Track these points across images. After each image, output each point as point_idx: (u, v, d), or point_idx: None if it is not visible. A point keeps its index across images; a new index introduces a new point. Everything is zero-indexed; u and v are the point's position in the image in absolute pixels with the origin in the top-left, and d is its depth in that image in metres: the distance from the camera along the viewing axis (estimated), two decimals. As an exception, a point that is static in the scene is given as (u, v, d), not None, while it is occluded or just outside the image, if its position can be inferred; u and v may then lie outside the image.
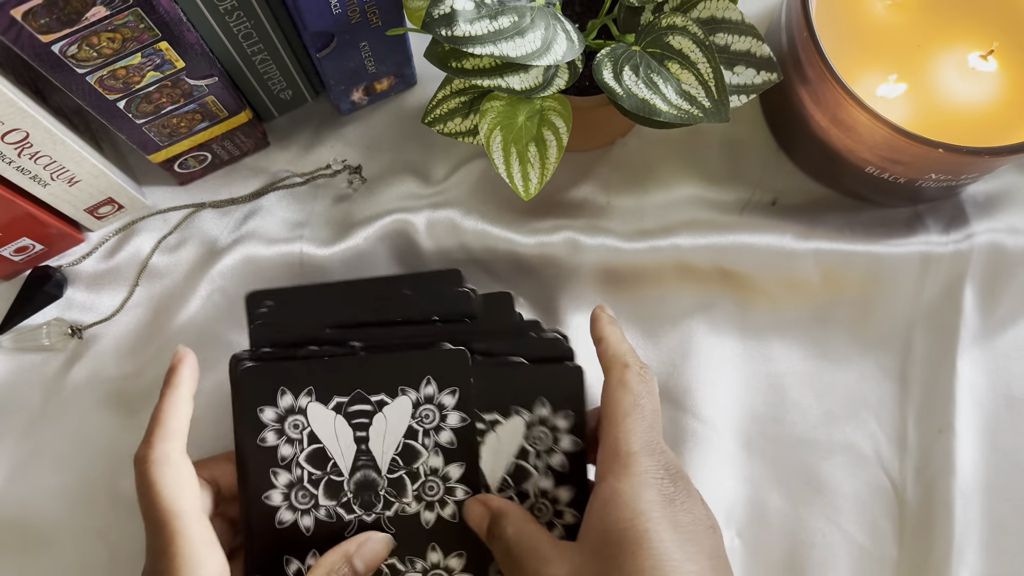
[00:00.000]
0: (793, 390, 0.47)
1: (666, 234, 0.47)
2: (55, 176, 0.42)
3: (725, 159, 0.50)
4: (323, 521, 0.37)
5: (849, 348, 0.48)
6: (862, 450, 0.46)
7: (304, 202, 0.49)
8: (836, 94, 0.41)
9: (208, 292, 0.47)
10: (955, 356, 0.46)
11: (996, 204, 0.48)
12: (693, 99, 0.36)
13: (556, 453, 0.38)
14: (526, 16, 0.35)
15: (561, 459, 0.38)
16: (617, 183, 0.49)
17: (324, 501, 0.37)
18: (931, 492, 0.45)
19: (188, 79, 0.40)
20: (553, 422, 0.38)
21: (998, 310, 0.47)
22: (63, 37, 0.34)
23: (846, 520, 0.45)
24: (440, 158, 0.50)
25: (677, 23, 0.37)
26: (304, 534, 0.37)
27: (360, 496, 0.37)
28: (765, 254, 0.47)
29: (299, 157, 0.50)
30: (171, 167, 0.47)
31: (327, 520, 0.37)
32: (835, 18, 0.44)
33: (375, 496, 0.37)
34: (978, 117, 0.44)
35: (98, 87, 0.38)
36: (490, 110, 0.39)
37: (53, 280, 0.47)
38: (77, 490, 0.45)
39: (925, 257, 0.47)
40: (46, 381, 0.47)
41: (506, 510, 0.35)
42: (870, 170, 0.44)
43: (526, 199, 0.39)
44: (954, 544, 0.43)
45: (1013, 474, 0.45)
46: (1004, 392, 0.46)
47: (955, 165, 0.41)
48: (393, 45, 0.46)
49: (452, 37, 0.33)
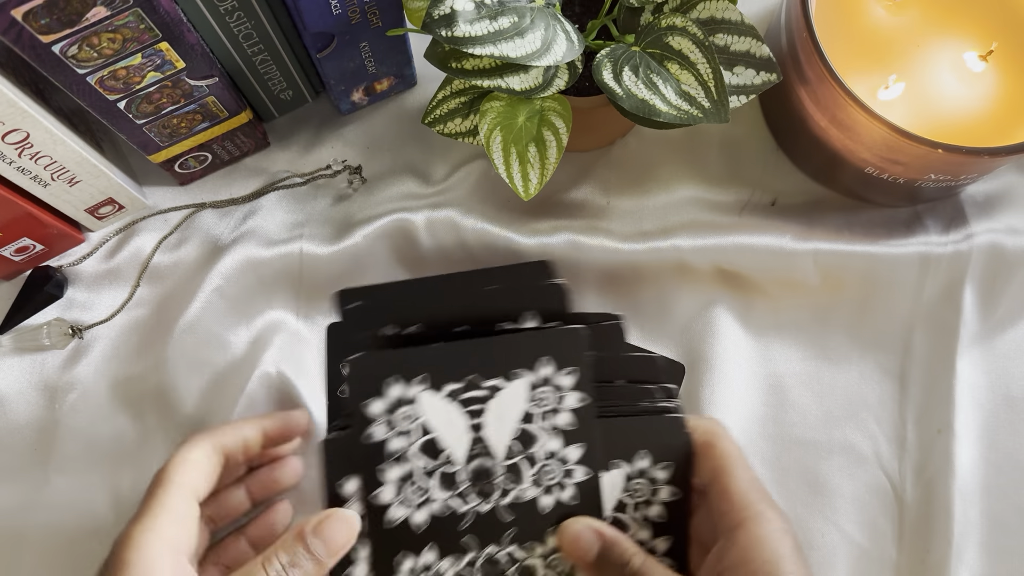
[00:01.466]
0: (792, 390, 0.47)
1: (665, 235, 0.47)
2: (55, 176, 0.42)
3: (725, 159, 0.50)
4: (438, 515, 0.36)
5: (849, 348, 0.48)
6: (861, 450, 0.46)
7: (304, 202, 0.49)
8: (835, 94, 0.41)
9: (208, 292, 0.47)
10: (954, 357, 0.46)
11: (995, 204, 0.48)
12: (693, 99, 0.36)
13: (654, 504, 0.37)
14: (526, 17, 0.35)
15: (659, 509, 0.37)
16: (617, 183, 0.49)
17: (438, 493, 0.36)
18: (930, 492, 0.45)
19: (188, 79, 0.40)
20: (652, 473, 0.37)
21: (997, 311, 0.47)
22: (64, 37, 0.34)
23: (845, 520, 0.45)
24: (440, 158, 0.50)
25: (677, 24, 0.37)
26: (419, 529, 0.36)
27: (476, 485, 0.36)
28: (764, 254, 0.47)
29: (299, 157, 0.50)
30: (171, 167, 0.47)
31: (442, 513, 0.36)
32: (835, 19, 0.44)
33: (491, 485, 0.36)
34: (977, 117, 0.44)
35: (98, 87, 0.38)
36: (490, 110, 0.39)
37: (53, 280, 0.47)
38: (77, 491, 0.45)
39: (924, 257, 0.47)
40: (47, 381, 0.47)
41: (621, 539, 0.35)
42: (869, 170, 0.44)
43: (526, 199, 0.39)
44: (953, 544, 0.43)
45: (1012, 474, 0.45)
46: (1003, 392, 0.46)
47: (954, 165, 0.41)
48: (393, 45, 0.46)
49: (452, 38, 0.33)
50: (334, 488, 0.36)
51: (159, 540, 0.33)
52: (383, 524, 0.36)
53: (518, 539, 0.37)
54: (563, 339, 0.36)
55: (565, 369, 0.36)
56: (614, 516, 0.37)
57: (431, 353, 0.36)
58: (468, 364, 0.36)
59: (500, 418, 0.36)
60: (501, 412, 0.36)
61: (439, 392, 0.36)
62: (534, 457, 0.36)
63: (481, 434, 0.36)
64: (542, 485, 0.37)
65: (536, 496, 0.37)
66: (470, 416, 0.36)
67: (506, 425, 0.36)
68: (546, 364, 0.36)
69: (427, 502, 0.36)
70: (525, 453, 0.36)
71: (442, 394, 0.36)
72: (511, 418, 0.36)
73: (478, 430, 0.36)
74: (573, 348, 0.36)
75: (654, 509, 0.37)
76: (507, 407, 0.36)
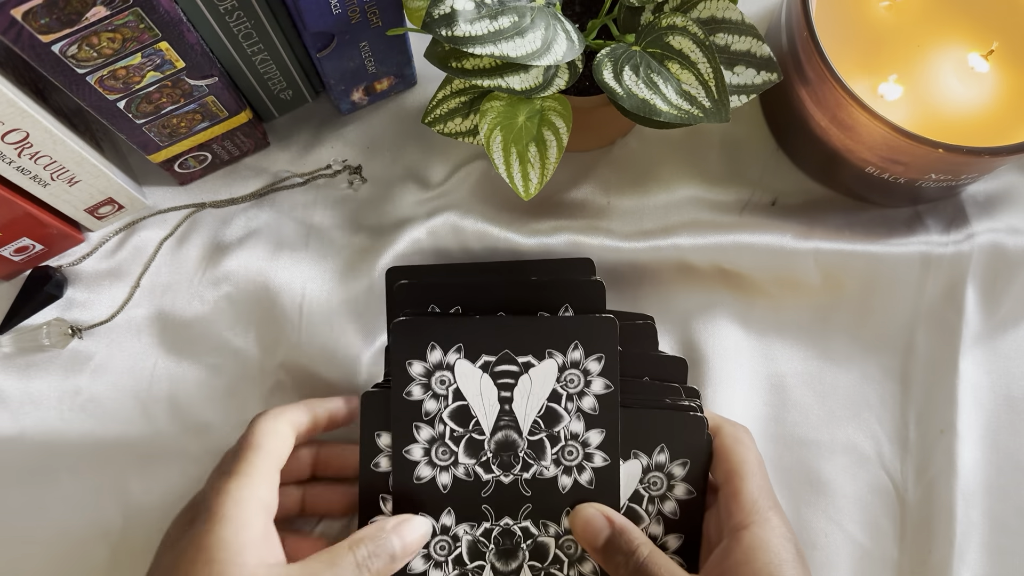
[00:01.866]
0: (794, 390, 0.47)
1: (666, 234, 0.47)
2: (55, 176, 0.42)
3: (725, 159, 0.50)
4: (461, 479, 0.38)
5: (850, 348, 0.48)
6: (863, 451, 0.46)
7: (304, 202, 0.49)
8: (836, 94, 0.41)
9: (208, 292, 0.47)
10: (957, 357, 0.46)
11: (996, 204, 0.48)
12: (693, 99, 0.36)
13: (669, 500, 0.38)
14: (526, 16, 0.35)
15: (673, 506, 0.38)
16: (617, 183, 0.49)
17: (464, 459, 0.38)
18: (932, 493, 0.44)
19: (188, 79, 0.40)
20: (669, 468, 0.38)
21: (999, 311, 0.47)
22: (63, 37, 0.34)
23: (847, 520, 0.45)
24: (440, 158, 0.50)
25: (677, 23, 0.37)
26: (441, 491, 0.38)
27: (500, 456, 0.38)
28: (765, 254, 0.47)
29: (299, 157, 0.50)
30: (171, 167, 0.47)
31: (465, 479, 0.38)
32: (835, 18, 0.44)
33: (514, 457, 0.38)
34: (978, 117, 0.44)
35: (98, 87, 0.38)
36: (490, 110, 0.39)
37: (53, 280, 0.47)
38: (84, 493, 0.45)
39: (926, 257, 0.47)
40: (52, 383, 0.47)
41: (631, 528, 0.36)
42: (870, 170, 0.44)
43: (526, 199, 0.39)
44: (955, 544, 0.43)
45: (1014, 474, 0.45)
46: (1005, 393, 0.46)
47: (955, 165, 0.41)
48: (393, 45, 0.46)
49: (452, 37, 0.33)
50: (372, 438, 0.38)
51: (254, 498, 0.34)
52: (411, 480, 0.38)
53: (534, 515, 0.38)
54: (595, 326, 0.38)
55: (594, 355, 0.38)
56: (629, 506, 0.38)
57: (470, 324, 0.38)
58: (504, 339, 0.38)
59: (529, 393, 0.38)
60: (530, 388, 0.38)
61: (474, 362, 0.38)
62: (557, 436, 0.38)
63: (509, 407, 0.38)
64: (562, 464, 0.38)
65: (556, 475, 0.38)
66: (500, 389, 0.38)
67: (534, 401, 0.38)
68: (577, 348, 0.38)
69: (452, 465, 0.38)
70: (549, 431, 0.38)
71: (477, 364, 0.38)
72: (539, 395, 0.38)
73: (507, 403, 0.38)
74: (604, 336, 0.38)
75: (668, 505, 0.38)
76: (536, 384, 0.38)
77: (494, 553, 0.38)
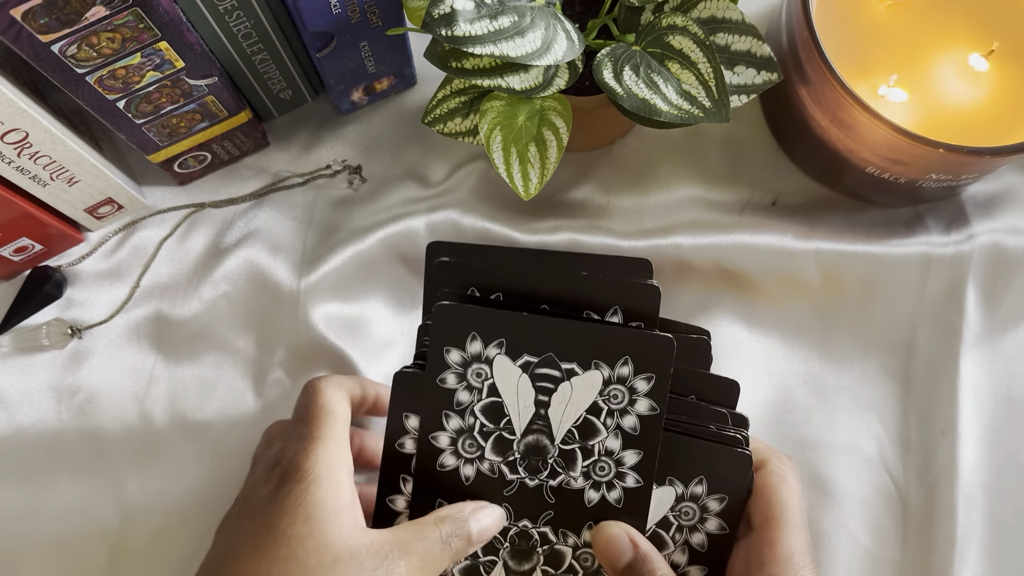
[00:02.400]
0: (796, 391, 0.47)
1: (666, 234, 0.47)
2: (55, 176, 0.42)
3: (725, 159, 0.50)
4: (485, 474, 0.37)
5: (852, 349, 0.48)
6: (865, 451, 0.46)
7: (304, 202, 0.49)
8: (837, 94, 0.41)
9: (208, 292, 0.47)
10: (957, 357, 0.46)
11: (997, 204, 0.48)
12: (693, 99, 0.36)
13: (698, 532, 0.37)
14: (526, 16, 0.35)
15: (702, 538, 0.37)
16: (617, 183, 0.49)
17: (490, 455, 0.37)
18: (934, 493, 0.44)
19: (188, 79, 0.40)
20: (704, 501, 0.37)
21: (1000, 311, 0.47)
22: (63, 37, 0.34)
23: (849, 521, 0.45)
24: (440, 158, 0.50)
25: (677, 23, 0.37)
26: (463, 482, 0.37)
27: (528, 459, 0.37)
28: (766, 254, 0.47)
29: (299, 157, 0.50)
30: (171, 167, 0.47)
31: (489, 474, 0.37)
32: (836, 18, 0.44)
33: (543, 463, 0.36)
34: (979, 117, 0.44)
35: (98, 87, 0.38)
36: (490, 110, 0.39)
37: (53, 280, 0.47)
38: (80, 491, 0.45)
39: (926, 258, 0.47)
40: (51, 383, 0.47)
41: (655, 556, 0.35)
42: (871, 170, 0.44)
43: (526, 199, 0.39)
44: (957, 545, 0.43)
45: (1015, 475, 0.45)
46: (1006, 393, 0.46)
47: (956, 165, 0.41)
48: (393, 45, 0.46)
49: (452, 37, 0.33)
50: (399, 419, 0.37)
51: (342, 462, 0.34)
52: (435, 466, 0.37)
53: (554, 523, 0.37)
54: (649, 344, 0.36)
55: (644, 374, 0.36)
56: (655, 530, 0.37)
57: (515, 320, 0.36)
58: (549, 341, 0.36)
59: (567, 402, 0.36)
60: (570, 397, 0.36)
61: (515, 360, 0.36)
62: (591, 449, 0.36)
63: (545, 412, 0.36)
64: (591, 479, 0.36)
65: (583, 488, 0.37)
66: (538, 392, 0.36)
67: (571, 410, 0.36)
68: (627, 364, 0.36)
69: (478, 459, 0.37)
70: (582, 443, 0.36)
71: (517, 363, 0.37)
72: (578, 405, 0.36)
73: (543, 407, 0.36)
74: (657, 355, 0.36)
75: (697, 537, 0.37)
76: (577, 394, 0.36)
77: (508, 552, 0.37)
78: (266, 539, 0.32)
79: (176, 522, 0.44)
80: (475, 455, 0.37)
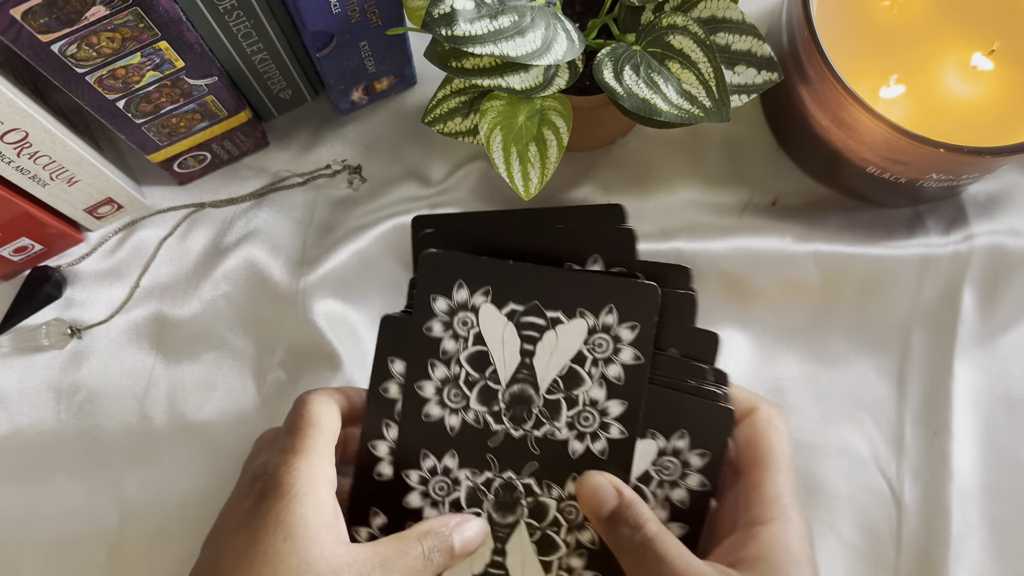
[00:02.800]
0: (791, 393, 0.47)
1: (667, 237, 0.47)
2: (54, 176, 0.42)
3: (725, 159, 0.50)
4: (470, 424, 0.36)
5: (847, 350, 0.48)
6: (859, 452, 0.46)
7: (304, 202, 0.49)
8: (837, 94, 0.41)
9: (208, 292, 0.47)
10: (952, 358, 0.46)
11: (997, 205, 0.48)
12: (694, 99, 0.36)
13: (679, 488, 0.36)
14: (526, 16, 0.35)
15: (683, 495, 0.36)
16: (617, 183, 0.49)
17: (475, 405, 0.36)
18: (928, 494, 0.44)
19: (188, 79, 0.40)
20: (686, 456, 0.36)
21: (997, 312, 0.47)
22: (62, 37, 0.34)
23: (843, 523, 0.45)
24: (440, 158, 0.50)
25: (678, 23, 0.37)
26: (448, 433, 0.37)
27: (513, 408, 0.36)
28: (765, 257, 0.47)
29: (299, 157, 0.50)
30: (171, 167, 0.47)
31: (474, 424, 0.36)
32: (836, 18, 0.44)
33: (527, 412, 0.36)
34: (979, 117, 0.44)
35: (97, 87, 0.38)
36: (490, 110, 0.39)
37: (52, 280, 0.47)
38: (79, 491, 0.45)
39: (924, 259, 0.47)
40: (50, 382, 0.47)
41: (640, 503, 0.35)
42: (871, 170, 0.44)
43: (526, 199, 0.39)
44: (951, 546, 0.43)
45: (1011, 476, 0.45)
46: (1003, 394, 0.46)
47: (956, 165, 0.41)
48: (393, 45, 0.46)
49: (452, 37, 0.33)
50: (384, 363, 0.37)
51: (324, 477, 0.34)
52: (419, 417, 0.37)
53: (539, 474, 0.36)
54: (634, 292, 0.36)
55: (628, 322, 0.36)
56: (636, 484, 0.36)
57: (501, 268, 0.36)
58: (535, 290, 0.36)
59: (553, 351, 0.36)
60: (555, 345, 0.36)
61: (500, 308, 0.36)
62: (575, 399, 0.36)
63: (530, 360, 0.36)
64: (576, 429, 0.36)
65: (567, 439, 0.36)
66: (524, 341, 0.36)
67: (557, 359, 0.36)
68: (611, 312, 0.36)
69: (463, 409, 0.36)
70: (567, 393, 0.36)
71: (503, 311, 0.36)
72: (563, 354, 0.36)
73: (528, 356, 0.36)
74: (642, 304, 0.36)
75: (678, 493, 0.36)
76: (562, 342, 0.36)
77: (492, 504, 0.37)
78: (249, 556, 0.32)
79: (175, 522, 0.44)
80: (460, 405, 0.36)
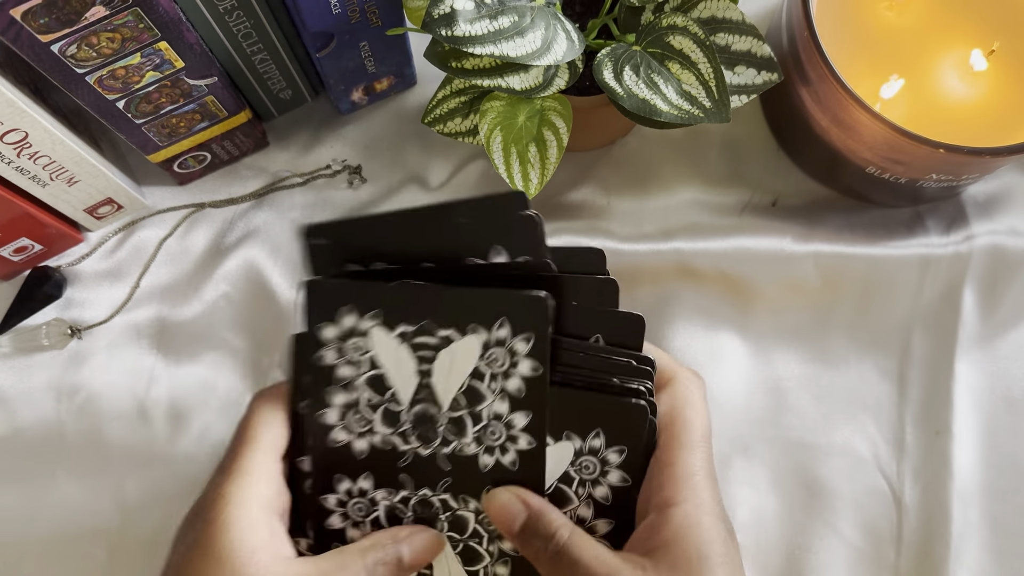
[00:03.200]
0: (791, 393, 0.47)
1: (667, 237, 0.47)
2: (54, 176, 0.42)
3: (726, 159, 0.50)
4: (378, 447, 0.36)
5: (847, 350, 0.48)
6: (860, 453, 0.46)
7: (304, 202, 0.49)
8: (837, 94, 0.41)
9: (208, 292, 0.47)
10: (952, 358, 0.46)
11: (997, 205, 0.48)
12: (694, 99, 0.36)
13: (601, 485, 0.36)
14: (526, 16, 0.35)
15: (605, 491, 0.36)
16: (617, 183, 0.49)
17: (380, 428, 0.36)
18: (928, 494, 0.44)
19: (188, 79, 0.40)
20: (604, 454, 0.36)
21: (997, 312, 0.47)
22: (62, 37, 0.34)
23: (843, 523, 0.45)
24: (440, 158, 0.50)
25: (678, 23, 0.37)
26: (356, 458, 0.36)
27: (418, 428, 0.36)
28: (765, 258, 0.47)
29: (299, 157, 0.50)
30: (171, 167, 0.47)
31: (382, 447, 0.36)
32: (836, 18, 0.44)
33: (433, 432, 0.36)
34: (979, 117, 0.44)
35: (97, 87, 0.38)
36: (490, 110, 0.39)
37: (52, 280, 0.47)
38: (79, 491, 0.45)
39: (924, 259, 0.47)
40: (51, 383, 0.47)
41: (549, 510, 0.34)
42: (871, 170, 0.44)
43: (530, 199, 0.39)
44: (951, 546, 0.43)
45: (1011, 476, 0.45)
46: (1004, 394, 0.46)
47: (956, 165, 0.41)
48: (393, 45, 0.46)
49: (452, 37, 0.33)
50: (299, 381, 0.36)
51: (256, 499, 0.33)
52: (327, 443, 0.36)
53: (453, 489, 0.36)
54: (524, 304, 0.35)
55: (522, 335, 0.35)
56: (558, 486, 0.36)
57: (388, 290, 0.35)
58: (424, 308, 0.35)
59: (449, 369, 0.36)
60: (451, 364, 0.35)
61: (391, 331, 0.35)
62: (479, 415, 0.36)
63: (428, 380, 0.36)
64: (484, 444, 0.36)
65: (477, 453, 0.36)
66: (419, 361, 0.36)
67: (454, 377, 0.36)
68: (503, 326, 0.35)
69: (369, 433, 0.36)
70: (470, 409, 0.36)
71: (394, 333, 0.35)
72: (460, 371, 0.36)
73: (426, 376, 0.36)
74: (533, 315, 0.35)
75: (600, 490, 0.36)
76: (457, 360, 0.35)
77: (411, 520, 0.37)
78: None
79: (175, 522, 0.44)
80: (365, 429, 0.36)
